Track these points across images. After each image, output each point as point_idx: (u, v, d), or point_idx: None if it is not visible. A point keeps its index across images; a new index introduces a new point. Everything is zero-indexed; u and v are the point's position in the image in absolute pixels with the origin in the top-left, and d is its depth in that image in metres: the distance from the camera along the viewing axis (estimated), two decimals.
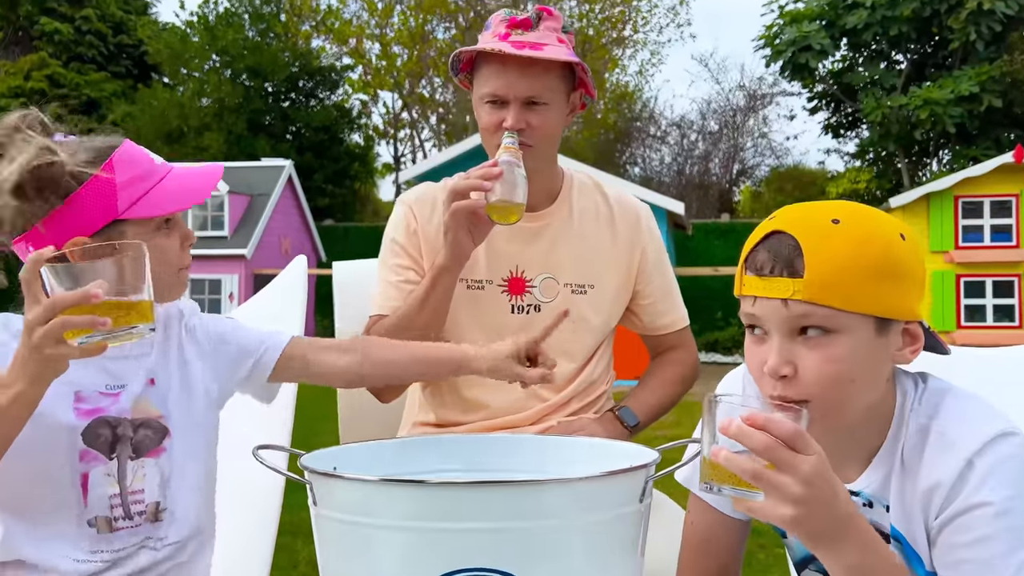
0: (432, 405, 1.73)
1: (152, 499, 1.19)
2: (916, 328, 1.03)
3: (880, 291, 0.98)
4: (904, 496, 1.06)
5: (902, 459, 1.06)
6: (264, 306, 1.79)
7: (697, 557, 1.23)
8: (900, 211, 10.01)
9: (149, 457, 1.19)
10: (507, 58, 1.55)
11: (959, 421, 1.03)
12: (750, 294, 1.02)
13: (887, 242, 1.00)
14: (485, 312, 1.66)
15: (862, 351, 0.99)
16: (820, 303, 0.97)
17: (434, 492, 0.91)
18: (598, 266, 1.70)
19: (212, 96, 16.77)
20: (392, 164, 23.24)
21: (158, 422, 1.22)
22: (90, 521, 1.15)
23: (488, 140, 1.63)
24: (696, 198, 20.71)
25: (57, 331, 0.95)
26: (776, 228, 1.01)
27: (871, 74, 16.26)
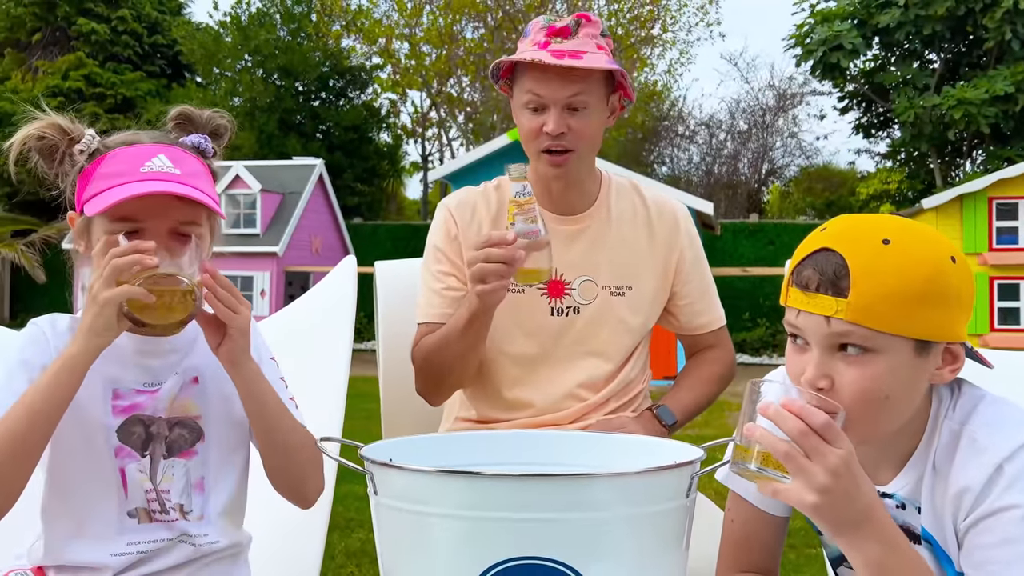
0: (474, 403, 1.77)
1: (176, 500, 1.22)
2: (957, 348, 1.05)
3: (923, 316, 0.99)
4: (935, 499, 1.08)
5: (934, 463, 1.08)
6: (314, 305, 1.84)
7: (736, 554, 1.26)
8: (933, 212, 9.91)
9: (180, 458, 1.22)
10: (547, 67, 1.58)
11: (990, 427, 1.05)
12: (794, 307, 1.04)
13: (936, 267, 1.00)
14: (525, 314, 1.69)
15: (900, 371, 1.01)
16: (862, 324, 0.98)
17: (488, 483, 0.95)
18: (636, 268, 1.73)
19: (244, 96, 16.98)
20: (420, 163, 23.37)
21: (194, 422, 1.23)
22: (131, 512, 1.19)
23: (529, 145, 1.67)
24: (724, 198, 20.60)
25: (110, 276, 1.07)
26: (825, 244, 1.03)
27: (903, 73, 16.07)
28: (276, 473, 1.25)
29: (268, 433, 1.23)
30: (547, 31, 1.62)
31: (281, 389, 1.30)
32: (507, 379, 1.72)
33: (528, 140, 1.66)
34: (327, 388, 1.52)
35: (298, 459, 1.26)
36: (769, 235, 14.49)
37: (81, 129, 1.20)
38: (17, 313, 17.22)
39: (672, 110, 22.27)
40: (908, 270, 0.99)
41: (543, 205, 1.72)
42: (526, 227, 1.44)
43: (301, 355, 1.66)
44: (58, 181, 1.21)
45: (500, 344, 1.70)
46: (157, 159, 1.17)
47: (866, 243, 1.01)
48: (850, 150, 34.08)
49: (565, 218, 1.72)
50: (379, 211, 19.60)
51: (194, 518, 1.23)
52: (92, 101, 17.04)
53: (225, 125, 1.30)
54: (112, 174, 1.16)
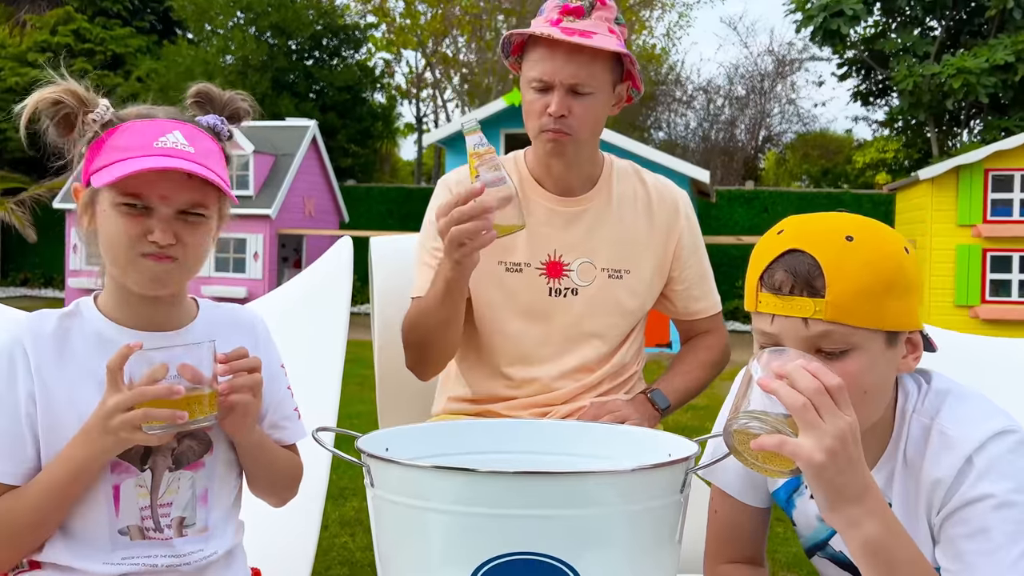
0: (469, 380, 1.78)
1: (178, 513, 1.18)
2: (917, 337, 1.08)
3: (892, 307, 1.02)
4: (907, 494, 1.10)
5: (904, 458, 1.10)
6: (310, 284, 1.83)
7: (721, 544, 1.27)
8: (929, 183, 9.88)
9: (187, 470, 1.18)
10: (555, 43, 1.57)
11: (960, 421, 1.07)
12: (768, 312, 1.03)
13: (898, 259, 1.03)
14: (523, 294, 1.70)
15: (875, 364, 1.03)
16: (841, 322, 1.00)
17: (483, 480, 0.95)
18: (635, 251, 1.73)
19: (236, 54, 16.73)
20: (414, 124, 23.17)
21: (204, 434, 1.20)
22: (122, 530, 1.15)
23: (530, 123, 1.66)
24: (721, 164, 20.51)
25: (138, 421, 1.04)
26: (793, 246, 1.03)
27: (904, 41, 15.91)
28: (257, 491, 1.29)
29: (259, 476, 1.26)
30: (561, 9, 1.61)
31: (286, 400, 1.29)
32: (504, 357, 1.72)
33: (530, 118, 1.65)
34: (322, 373, 1.52)
35: (282, 483, 1.29)
36: (764, 202, 14.46)
37: (96, 98, 1.16)
38: (8, 272, 17.13)
39: (670, 74, 22.08)
40: (875, 264, 1.01)
41: (545, 186, 1.72)
42: (491, 175, 1.41)
43: (296, 337, 1.66)
44: (65, 149, 1.17)
45: (497, 323, 1.71)
46: (172, 135, 1.13)
47: (832, 241, 1.01)
48: (847, 117, 33.85)
49: (566, 200, 1.72)
50: (372, 173, 19.46)
51: (195, 532, 1.19)
52: (81, 57, 16.77)
53: (246, 109, 1.26)
54: (124, 147, 1.12)
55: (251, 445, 1.21)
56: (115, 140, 1.13)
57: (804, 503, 1.21)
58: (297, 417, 1.30)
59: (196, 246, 1.15)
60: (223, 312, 1.28)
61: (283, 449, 1.28)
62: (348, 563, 3.06)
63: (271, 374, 1.25)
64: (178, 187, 1.12)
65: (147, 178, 1.09)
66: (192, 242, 1.14)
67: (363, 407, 5.49)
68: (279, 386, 1.28)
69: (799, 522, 1.24)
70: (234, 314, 1.29)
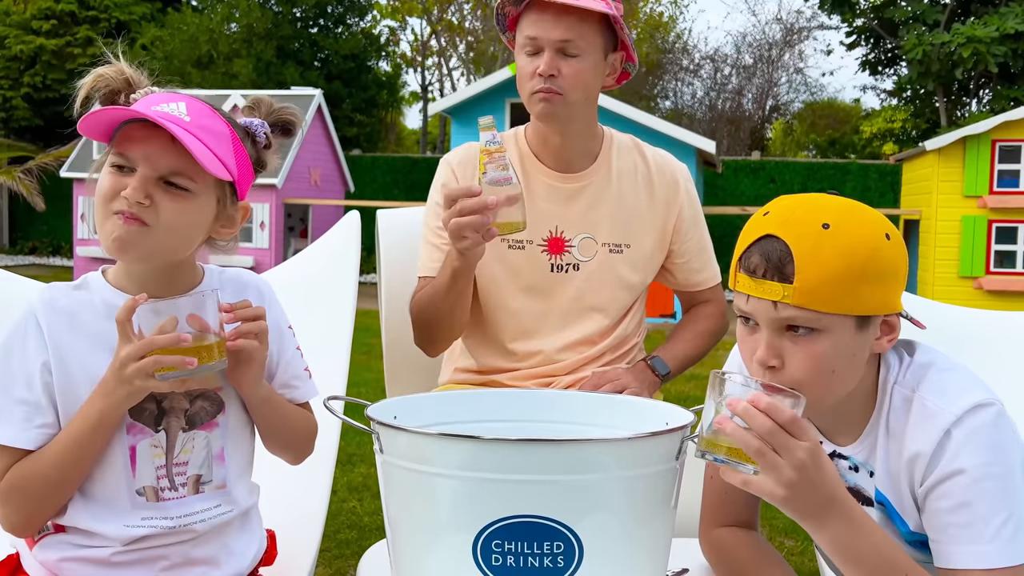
0: (474, 353, 1.82)
1: (194, 471, 1.21)
2: (894, 319, 1.11)
3: (863, 294, 1.05)
4: (889, 462, 1.14)
5: (887, 428, 1.14)
6: (319, 257, 1.87)
7: (717, 508, 1.32)
8: (936, 154, 9.83)
9: (201, 430, 1.21)
10: (545, 5, 1.60)
11: (939, 393, 1.10)
12: (742, 292, 1.09)
13: (873, 247, 1.05)
14: (525, 271, 1.73)
15: (843, 346, 1.06)
16: (807, 307, 1.03)
17: (487, 446, 0.99)
18: (635, 226, 1.76)
19: (241, 22, 16.61)
20: (419, 93, 23.04)
21: (215, 394, 1.23)
22: (139, 491, 1.18)
23: (523, 88, 1.67)
24: (727, 134, 20.39)
25: (149, 368, 1.08)
26: (769, 231, 1.07)
27: (914, 9, 15.72)
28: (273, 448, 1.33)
29: (273, 434, 1.30)
30: None
31: (296, 359, 1.32)
32: (508, 332, 1.76)
33: (522, 82, 1.67)
34: (331, 345, 1.56)
35: (297, 440, 1.33)
36: (771, 172, 14.41)
37: (143, 79, 1.19)
38: (17, 240, 17.20)
39: (677, 43, 21.87)
40: (848, 253, 1.03)
41: (545, 162, 1.75)
42: (497, 174, 1.44)
43: (306, 309, 1.70)
44: None
45: (501, 299, 1.75)
46: (175, 104, 1.14)
47: (807, 229, 1.05)
48: (855, 87, 33.53)
49: (566, 176, 1.75)
50: (378, 142, 19.40)
51: (212, 488, 1.23)
52: (86, 24, 16.67)
53: (293, 121, 1.29)
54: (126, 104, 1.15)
55: (260, 401, 1.24)
56: (135, 105, 1.15)
57: None
58: (308, 376, 1.33)
59: (172, 216, 1.13)
60: (228, 275, 1.30)
61: (296, 407, 1.32)
62: (356, 527, 3.13)
63: (278, 332, 1.28)
64: (162, 151, 1.12)
65: (133, 137, 1.11)
66: (169, 209, 1.12)
67: (370, 375, 5.56)
68: (287, 345, 1.31)
69: None
70: (239, 276, 1.31)
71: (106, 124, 1.14)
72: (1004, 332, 1.75)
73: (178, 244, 1.17)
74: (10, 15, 16.43)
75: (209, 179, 1.16)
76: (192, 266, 1.26)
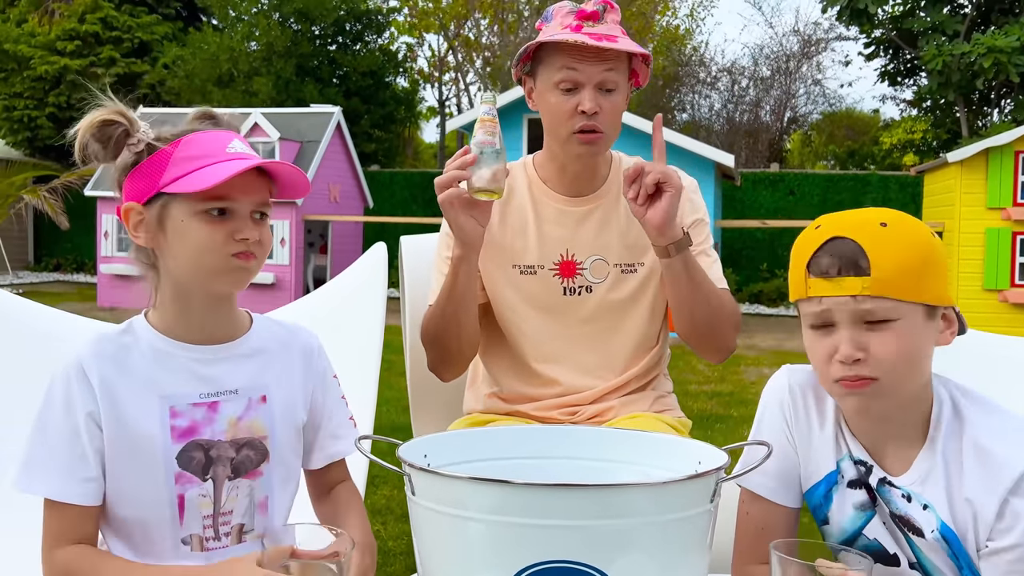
0: (496, 378, 1.81)
1: (238, 520, 1.21)
2: (951, 313, 1.18)
3: (928, 283, 1.13)
4: (954, 502, 1.15)
5: (944, 464, 1.16)
6: (345, 290, 1.88)
7: (752, 544, 1.31)
8: (958, 166, 9.75)
9: (246, 479, 1.21)
10: (585, 47, 1.60)
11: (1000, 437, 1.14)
12: (818, 295, 1.13)
13: (930, 241, 1.15)
14: (538, 296, 1.73)
15: (917, 335, 1.14)
16: (886, 296, 1.11)
17: (520, 491, 0.98)
18: (645, 244, 1.73)
19: (261, 40, 16.77)
20: (436, 108, 23.15)
21: (261, 443, 1.23)
22: (184, 539, 1.19)
23: (561, 127, 1.66)
24: (745, 146, 20.32)
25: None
26: (834, 234, 1.14)
27: (933, 19, 15.62)
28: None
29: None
30: (576, 15, 1.64)
31: (341, 408, 1.33)
32: (527, 356, 1.76)
33: (560, 121, 1.66)
34: (358, 381, 1.56)
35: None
36: (790, 184, 14.32)
37: (137, 119, 1.20)
38: (41, 257, 17.40)
39: (694, 56, 21.86)
40: (911, 245, 1.12)
41: (555, 188, 1.76)
42: (484, 137, 1.50)
43: (331, 344, 1.70)
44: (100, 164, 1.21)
45: (516, 323, 1.75)
46: (236, 142, 1.19)
47: (869, 228, 1.13)
48: (874, 97, 33.36)
49: (575, 200, 1.75)
50: (396, 157, 19.50)
51: (253, 537, 1.23)
52: (109, 44, 16.90)
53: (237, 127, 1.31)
54: (198, 156, 1.16)
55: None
56: (184, 152, 1.16)
57: (842, 495, 1.26)
58: (353, 425, 1.33)
59: (267, 243, 1.20)
60: (277, 329, 1.30)
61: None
62: (380, 551, 3.12)
63: (324, 384, 1.30)
64: (252, 187, 1.17)
65: (232, 181, 1.14)
66: (265, 239, 1.19)
67: (391, 393, 5.55)
68: (332, 395, 1.33)
69: (833, 520, 1.28)
70: (288, 334, 1.31)
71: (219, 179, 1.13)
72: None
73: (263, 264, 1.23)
74: (35, 36, 16.69)
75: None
76: (235, 311, 1.27)
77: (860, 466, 1.24)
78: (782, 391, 1.30)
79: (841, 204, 13.99)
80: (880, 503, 1.23)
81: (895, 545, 1.23)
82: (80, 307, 10.78)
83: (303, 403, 1.29)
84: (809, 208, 14.00)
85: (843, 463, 1.26)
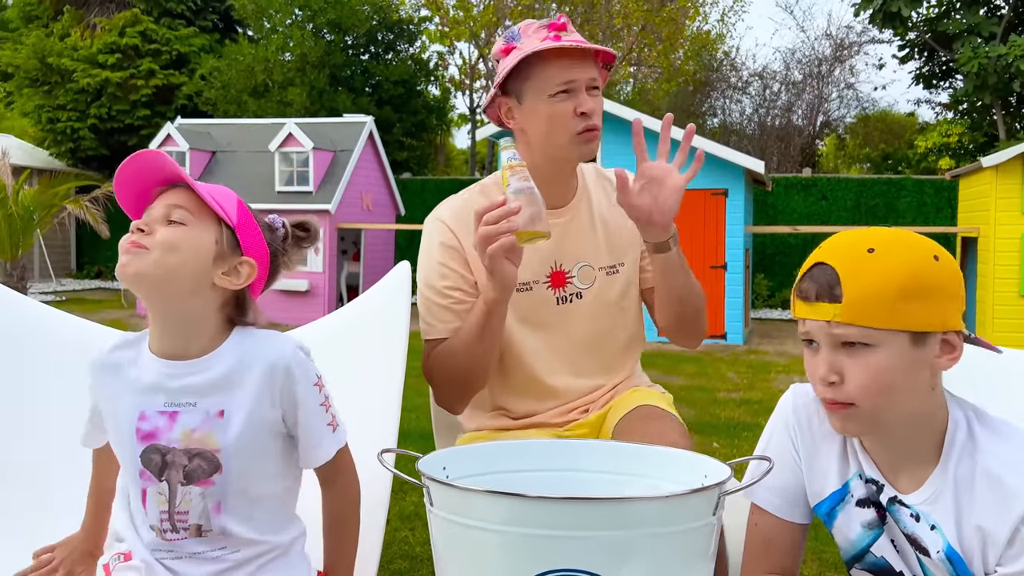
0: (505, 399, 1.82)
1: (195, 521, 1.31)
2: (954, 338, 1.15)
3: (909, 310, 1.11)
4: (962, 525, 1.16)
5: (955, 486, 1.17)
6: (370, 307, 1.95)
7: (760, 557, 1.35)
8: (993, 171, 9.62)
9: (197, 486, 1.30)
10: (572, 52, 1.67)
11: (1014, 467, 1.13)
12: (801, 317, 1.18)
13: (917, 266, 1.12)
14: (533, 309, 1.77)
15: (899, 361, 1.13)
16: (856, 323, 1.12)
17: (532, 504, 1.04)
18: (622, 243, 1.83)
19: (295, 51, 17.03)
20: (467, 115, 23.30)
21: (213, 455, 1.29)
22: (151, 525, 1.33)
23: (563, 131, 1.69)
24: (777, 151, 20.18)
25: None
26: (820, 260, 1.17)
27: (969, 21, 15.42)
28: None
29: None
30: (549, 27, 1.71)
31: (318, 418, 1.34)
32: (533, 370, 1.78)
33: (561, 126, 1.69)
34: (382, 396, 1.63)
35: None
36: (822, 189, 14.19)
37: None
38: (83, 265, 17.82)
39: (725, 60, 21.76)
40: (889, 272, 1.12)
41: None
42: (521, 184, 1.50)
43: (356, 360, 1.78)
44: None
45: (520, 341, 1.76)
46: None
47: (853, 253, 1.15)
48: (909, 101, 32.87)
49: (557, 211, 1.78)
50: (427, 165, 19.66)
51: (213, 535, 1.32)
52: (148, 57, 17.28)
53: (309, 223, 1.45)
54: None
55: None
56: None
57: (848, 513, 1.28)
58: (332, 431, 1.36)
59: (167, 235, 1.25)
60: (251, 344, 1.33)
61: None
62: (408, 557, 3.19)
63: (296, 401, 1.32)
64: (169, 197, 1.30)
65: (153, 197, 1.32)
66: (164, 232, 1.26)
67: (420, 400, 5.60)
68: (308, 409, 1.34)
69: (840, 534, 1.31)
70: (266, 350, 1.32)
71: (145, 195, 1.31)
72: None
73: (176, 266, 1.25)
74: (78, 50, 17.11)
75: (206, 219, 1.29)
76: (213, 327, 1.32)
77: (871, 484, 1.26)
78: (787, 412, 1.34)
79: (875, 209, 13.84)
80: (890, 521, 1.24)
81: (902, 563, 1.25)
82: (120, 313, 11.03)
83: (272, 417, 1.33)
84: (842, 213, 13.87)
85: (852, 482, 1.28)
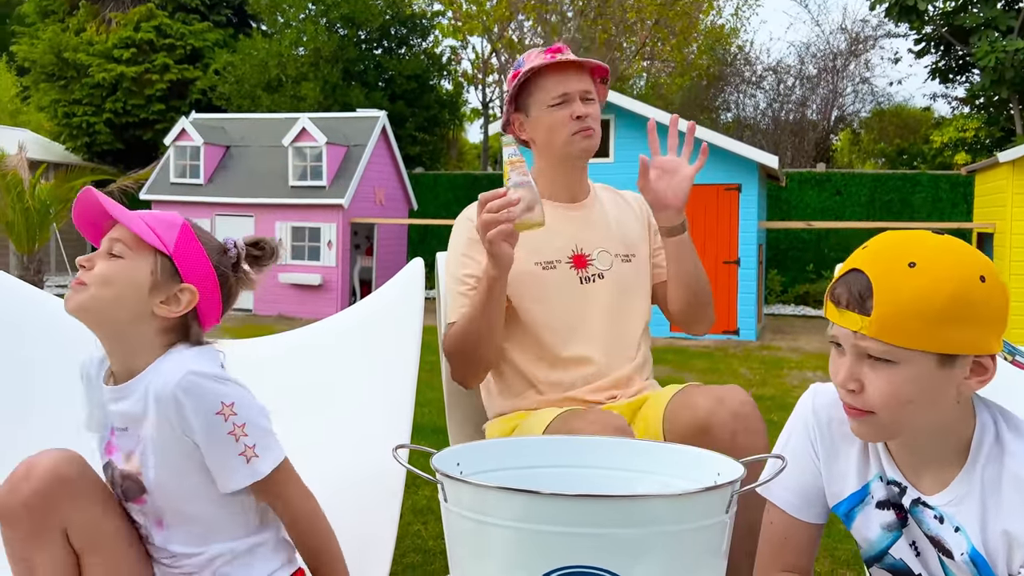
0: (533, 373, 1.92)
1: (146, 534, 1.43)
2: (987, 361, 1.11)
3: (944, 334, 1.06)
4: (987, 528, 1.15)
5: (981, 489, 1.16)
6: (384, 304, 1.97)
7: (774, 553, 1.35)
8: (1010, 166, 9.53)
9: (134, 504, 1.40)
10: (567, 66, 1.93)
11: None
12: (830, 319, 1.16)
13: (959, 288, 1.06)
14: (560, 286, 1.95)
15: (922, 380, 1.09)
16: (883, 340, 1.08)
17: (546, 501, 1.05)
18: (633, 239, 2.06)
19: (309, 46, 17.06)
20: (480, 109, 23.28)
21: (137, 478, 1.37)
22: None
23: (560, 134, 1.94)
24: (791, 145, 20.06)
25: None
26: (857, 265, 1.12)
27: (986, 15, 15.26)
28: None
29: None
30: (547, 51, 1.97)
31: (226, 447, 1.31)
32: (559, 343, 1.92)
33: (559, 129, 1.93)
34: (396, 392, 1.64)
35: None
36: (837, 184, 14.11)
37: None
38: None
39: (739, 55, 21.64)
40: (929, 292, 1.06)
41: (554, 198, 2.01)
42: (520, 178, 1.67)
43: (370, 356, 1.79)
44: None
45: (545, 315, 1.92)
46: None
47: (893, 266, 1.09)
48: (925, 95, 32.56)
49: (573, 205, 2.05)
50: (440, 159, 19.67)
51: (160, 542, 1.41)
52: (163, 52, 17.37)
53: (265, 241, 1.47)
54: None
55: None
56: None
57: (867, 515, 1.28)
58: (245, 461, 1.32)
59: (103, 269, 1.32)
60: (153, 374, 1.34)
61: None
62: (421, 551, 3.20)
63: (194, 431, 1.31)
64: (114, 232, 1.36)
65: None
66: (101, 266, 1.33)
67: (432, 394, 5.64)
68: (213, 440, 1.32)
69: (858, 534, 1.31)
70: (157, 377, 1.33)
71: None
72: None
73: (111, 300, 1.32)
74: (93, 44, 17.20)
75: (143, 250, 1.34)
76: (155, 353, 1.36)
77: (892, 486, 1.25)
78: (807, 412, 1.33)
79: (889, 204, 13.74)
80: (910, 524, 1.23)
81: (920, 566, 1.24)
82: None
83: (184, 442, 1.33)
84: (857, 208, 13.79)
85: (873, 483, 1.27)
